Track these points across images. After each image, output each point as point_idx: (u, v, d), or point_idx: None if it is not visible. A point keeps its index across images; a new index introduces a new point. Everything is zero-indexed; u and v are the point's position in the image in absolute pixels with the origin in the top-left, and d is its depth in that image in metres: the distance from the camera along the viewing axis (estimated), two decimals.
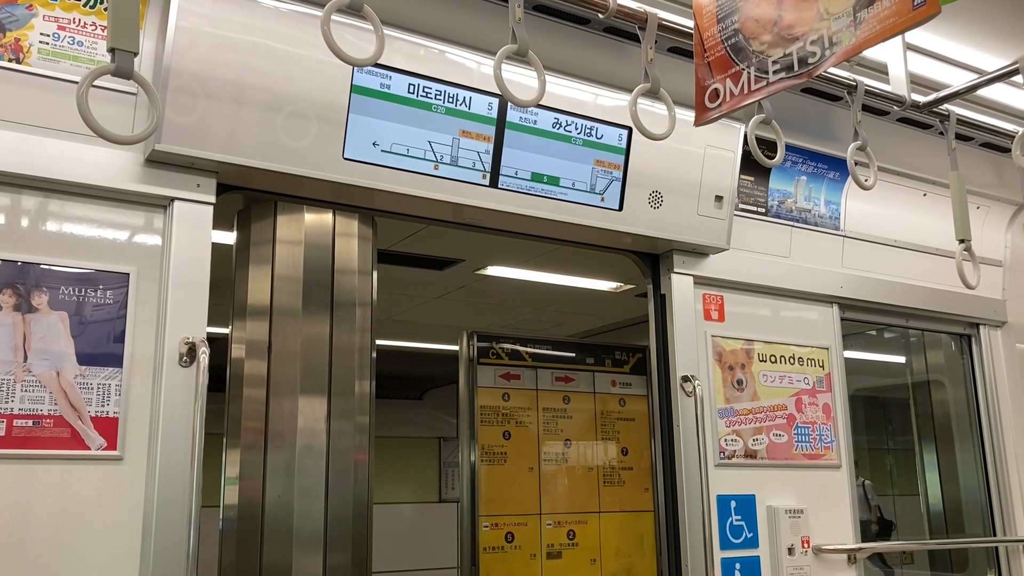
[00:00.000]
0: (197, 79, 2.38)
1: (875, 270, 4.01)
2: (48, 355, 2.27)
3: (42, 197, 2.34)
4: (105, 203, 2.41)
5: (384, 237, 3.14)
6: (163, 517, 2.28)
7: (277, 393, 2.73)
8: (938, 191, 4.07)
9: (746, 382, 3.53)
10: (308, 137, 2.55)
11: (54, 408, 2.25)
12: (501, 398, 3.60)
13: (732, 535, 3.36)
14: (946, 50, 3.25)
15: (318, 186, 2.69)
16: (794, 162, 3.74)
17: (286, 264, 2.81)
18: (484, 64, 2.78)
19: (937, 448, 4.67)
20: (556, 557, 3.57)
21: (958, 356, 4.51)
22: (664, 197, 3.20)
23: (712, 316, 3.51)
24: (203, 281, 2.47)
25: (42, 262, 2.31)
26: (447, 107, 2.76)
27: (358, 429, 2.81)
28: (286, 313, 2.78)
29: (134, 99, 2.41)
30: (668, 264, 3.42)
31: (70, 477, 2.25)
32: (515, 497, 3.54)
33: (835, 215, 3.91)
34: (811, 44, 2.26)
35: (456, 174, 2.81)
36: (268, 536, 2.64)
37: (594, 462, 3.72)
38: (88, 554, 2.24)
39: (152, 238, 2.47)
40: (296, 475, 2.68)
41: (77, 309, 2.32)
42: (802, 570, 3.44)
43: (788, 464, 3.56)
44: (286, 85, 2.50)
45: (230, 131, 2.44)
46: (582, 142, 3.01)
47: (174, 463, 2.31)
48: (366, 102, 2.63)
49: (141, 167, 2.43)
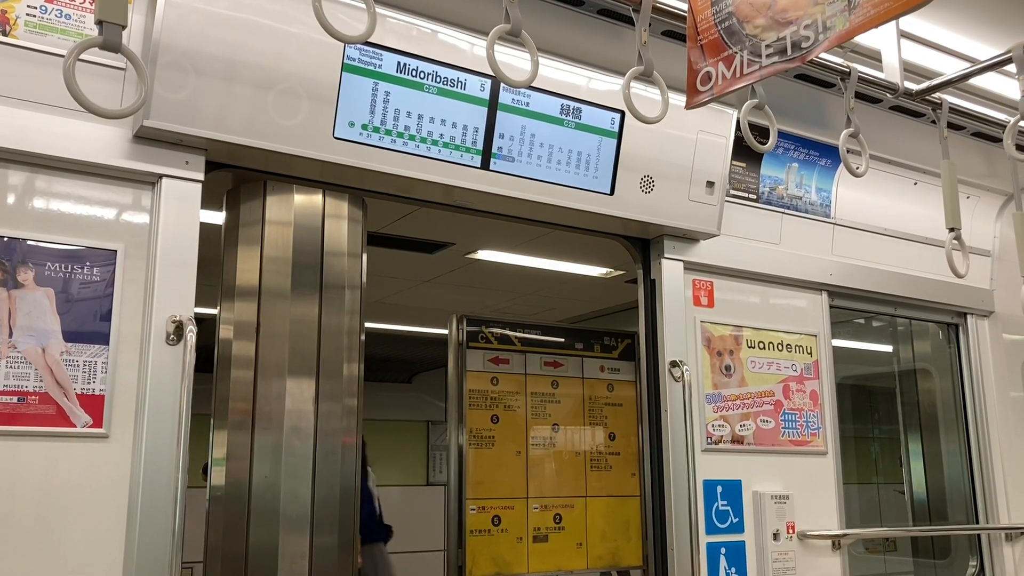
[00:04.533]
0: (187, 55, 2.35)
1: (865, 258, 4.02)
2: (34, 331, 2.25)
3: (28, 172, 2.31)
4: (92, 179, 2.38)
5: (374, 219, 3.13)
6: (149, 496, 2.27)
7: (265, 374, 2.72)
8: (929, 180, 4.08)
9: (734, 368, 3.54)
10: (298, 116, 2.53)
11: (39, 385, 2.24)
12: (490, 382, 3.60)
13: (718, 520, 3.37)
14: (940, 38, 3.25)
15: (308, 165, 2.67)
16: (786, 149, 3.73)
17: (275, 245, 2.80)
18: (477, 45, 2.76)
19: (922, 436, 4.70)
20: (542, 541, 3.57)
21: (945, 345, 4.53)
22: (656, 182, 3.19)
23: (701, 302, 3.52)
24: (191, 259, 2.45)
25: (28, 238, 2.28)
26: (439, 87, 2.74)
27: (346, 411, 2.81)
28: (275, 294, 2.76)
29: (122, 74, 2.38)
30: (658, 249, 3.42)
31: (55, 454, 2.24)
32: (502, 481, 3.54)
33: (826, 203, 3.92)
34: (805, 28, 2.25)
35: (447, 155, 2.79)
36: (255, 517, 2.63)
37: (581, 447, 3.72)
38: (73, 532, 2.23)
39: (140, 215, 2.45)
40: (283, 456, 2.67)
41: (64, 286, 2.30)
42: (787, 555, 3.47)
43: (775, 450, 3.58)
44: (277, 63, 2.48)
45: (220, 108, 2.42)
46: (574, 125, 3.00)
47: (160, 441, 2.30)
48: (357, 81, 2.60)
49: (129, 143, 2.40)
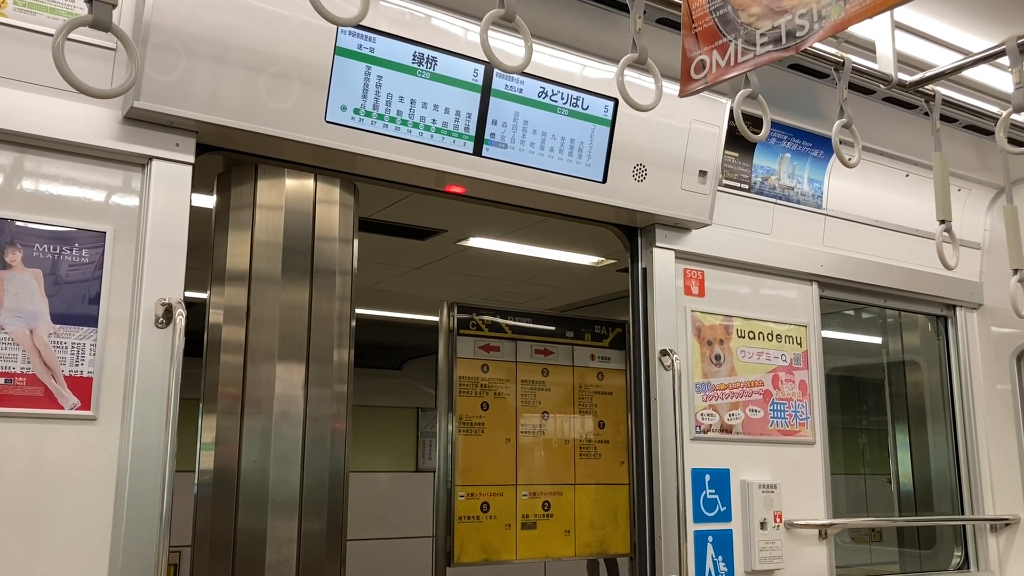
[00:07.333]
0: (178, 36, 2.33)
1: (855, 249, 4.03)
2: (21, 313, 2.23)
3: (16, 152, 2.29)
4: (82, 160, 2.37)
5: (366, 205, 3.12)
6: (136, 479, 2.27)
7: (255, 359, 2.71)
8: (920, 172, 4.08)
9: (724, 357, 3.55)
10: (290, 99, 2.51)
11: (27, 366, 2.22)
12: (480, 369, 3.60)
13: (706, 508, 3.39)
14: (934, 30, 3.24)
15: (300, 149, 2.65)
16: (779, 139, 3.73)
17: (266, 229, 2.79)
18: (471, 30, 2.74)
19: (910, 428, 4.73)
20: (531, 528, 3.58)
21: (934, 337, 4.55)
22: (648, 170, 3.19)
23: (692, 291, 3.52)
24: (181, 242, 2.44)
25: (16, 218, 2.27)
26: (432, 72, 2.73)
27: (336, 397, 2.80)
28: (265, 279, 2.75)
29: (113, 54, 2.36)
30: (650, 238, 3.42)
31: (43, 436, 2.23)
32: (491, 468, 3.55)
33: (818, 193, 3.92)
34: (800, 17, 2.24)
35: (440, 141, 2.78)
36: (243, 501, 2.63)
37: (571, 435, 3.73)
38: (60, 514, 2.22)
39: (129, 197, 2.43)
40: (272, 441, 2.67)
41: (52, 267, 2.29)
42: (774, 544, 3.48)
43: (763, 440, 3.59)
44: (269, 45, 2.46)
45: (211, 90, 2.40)
46: (567, 112, 2.99)
47: (148, 425, 2.30)
48: (350, 65, 2.59)
49: (119, 124, 2.38)
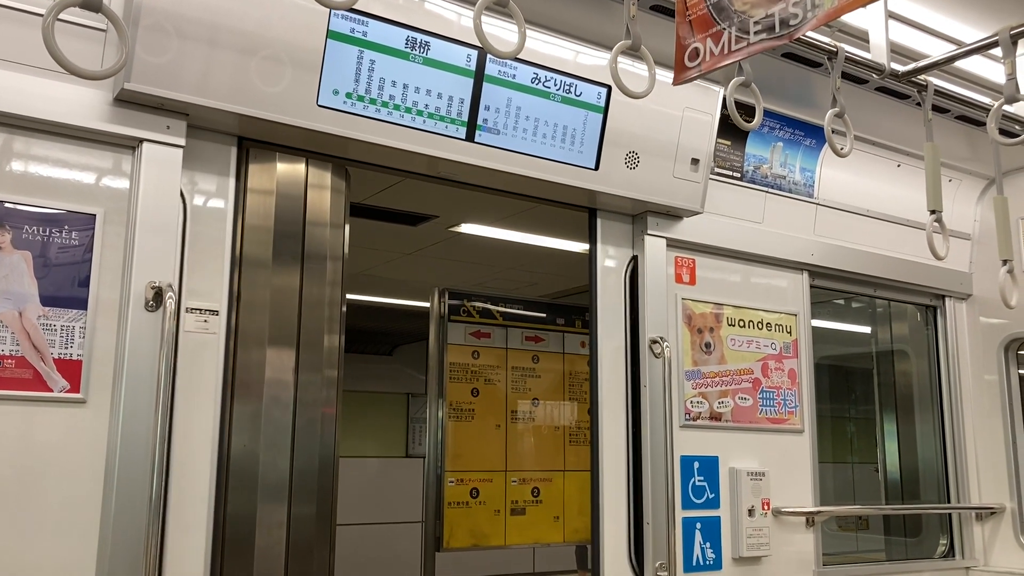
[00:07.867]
0: (169, 18, 2.32)
1: (846, 239, 4.04)
2: (10, 295, 2.22)
3: (5, 134, 2.28)
4: (72, 142, 2.36)
5: (357, 190, 3.11)
6: (126, 462, 2.26)
7: (245, 344, 2.70)
8: (912, 162, 4.09)
9: (714, 345, 3.56)
10: (282, 82, 2.50)
11: (16, 349, 2.22)
12: (471, 356, 3.61)
13: (694, 495, 3.40)
14: (927, 20, 3.24)
15: (291, 133, 2.64)
16: (771, 128, 3.74)
17: (257, 214, 2.77)
18: (464, 15, 2.73)
19: (897, 417, 4.76)
20: (520, 513, 3.60)
21: (923, 327, 4.58)
22: (641, 158, 3.19)
23: (683, 279, 3.53)
24: (171, 225, 2.43)
25: (5, 200, 2.25)
26: (424, 57, 2.72)
27: (326, 382, 2.80)
28: (256, 263, 2.74)
29: (103, 36, 2.35)
30: (641, 225, 3.42)
31: (32, 419, 2.22)
32: (481, 454, 3.56)
33: (809, 182, 3.93)
34: (793, 5, 2.24)
35: (432, 126, 2.77)
36: (233, 486, 2.63)
37: (560, 421, 3.75)
38: (49, 497, 2.22)
39: (119, 180, 2.42)
40: (263, 426, 2.66)
41: (42, 249, 2.28)
42: (761, 531, 3.51)
43: (752, 427, 3.61)
44: (261, 28, 2.44)
45: (202, 73, 2.39)
46: (561, 98, 2.98)
47: (138, 408, 2.29)
48: (342, 49, 2.58)
49: (109, 106, 2.37)
